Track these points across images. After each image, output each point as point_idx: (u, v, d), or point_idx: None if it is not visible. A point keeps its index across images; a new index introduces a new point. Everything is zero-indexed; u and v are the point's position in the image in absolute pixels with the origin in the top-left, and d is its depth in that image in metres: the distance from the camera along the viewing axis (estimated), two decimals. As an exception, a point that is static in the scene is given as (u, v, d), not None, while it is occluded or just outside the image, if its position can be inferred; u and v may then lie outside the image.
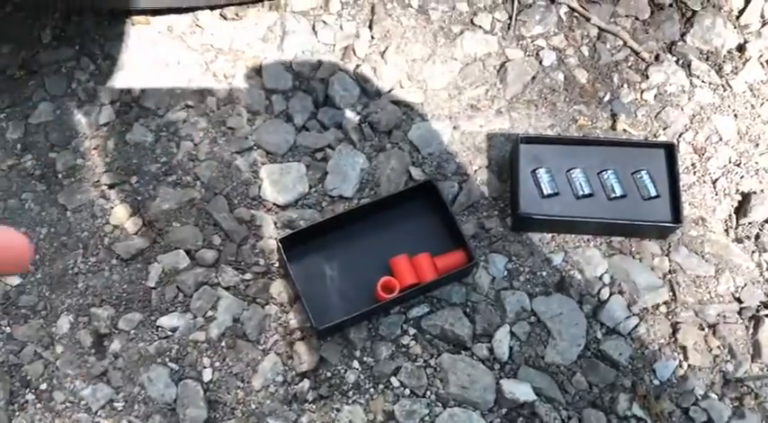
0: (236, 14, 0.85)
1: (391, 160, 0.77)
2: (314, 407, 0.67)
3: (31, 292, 0.71)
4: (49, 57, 0.82)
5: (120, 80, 0.81)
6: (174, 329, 0.70)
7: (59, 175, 0.77)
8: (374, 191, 0.76)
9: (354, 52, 0.83)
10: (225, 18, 0.85)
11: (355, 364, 0.69)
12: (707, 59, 0.84)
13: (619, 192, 0.73)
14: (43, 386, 0.68)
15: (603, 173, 0.74)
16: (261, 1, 0.84)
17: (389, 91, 0.82)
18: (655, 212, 0.72)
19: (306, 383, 0.68)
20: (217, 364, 0.69)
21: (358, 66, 0.83)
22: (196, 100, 0.80)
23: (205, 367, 0.69)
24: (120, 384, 0.68)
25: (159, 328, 0.70)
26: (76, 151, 0.78)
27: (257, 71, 0.82)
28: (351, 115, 0.80)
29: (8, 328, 0.70)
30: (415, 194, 0.72)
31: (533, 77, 0.83)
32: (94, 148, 0.78)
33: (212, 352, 0.69)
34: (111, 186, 0.76)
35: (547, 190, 0.73)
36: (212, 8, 0.84)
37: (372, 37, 0.85)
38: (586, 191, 0.73)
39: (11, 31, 0.84)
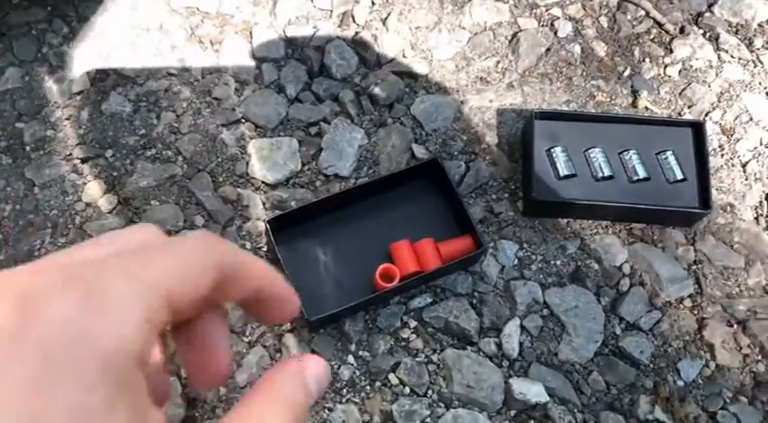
0: (225, -25, 0.77)
1: (392, 136, 0.71)
2: (304, 406, 0.61)
3: (-7, 275, 0.64)
4: (18, 18, 0.75)
5: (95, 45, 0.74)
6: (150, 318, 0.63)
7: (27, 148, 0.70)
8: (373, 170, 0.70)
9: (353, 18, 0.76)
10: (212, -21, 0.77)
11: (350, 358, 0.62)
12: (736, 32, 0.78)
13: (641, 174, 0.66)
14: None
15: (625, 153, 0.67)
16: (252, -39, 0.77)
17: (391, 61, 0.75)
18: (680, 197, 0.66)
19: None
20: (197, 357, 0.62)
21: (357, 33, 0.76)
22: (179, 68, 0.73)
23: (184, 361, 0.62)
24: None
25: (134, 317, 0.63)
26: (46, 121, 0.71)
27: (247, 37, 0.75)
28: (348, 87, 0.73)
29: (-34, 314, 0.63)
30: (419, 174, 0.66)
31: (548, 49, 0.76)
32: (66, 119, 0.71)
33: (192, 344, 0.62)
34: (84, 160, 0.69)
35: (563, 171, 0.66)
36: (199, -32, 0.77)
37: (373, 2, 0.78)
38: (606, 172, 0.66)
39: (-23, -11, 0.76)
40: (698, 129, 0.67)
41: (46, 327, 0.19)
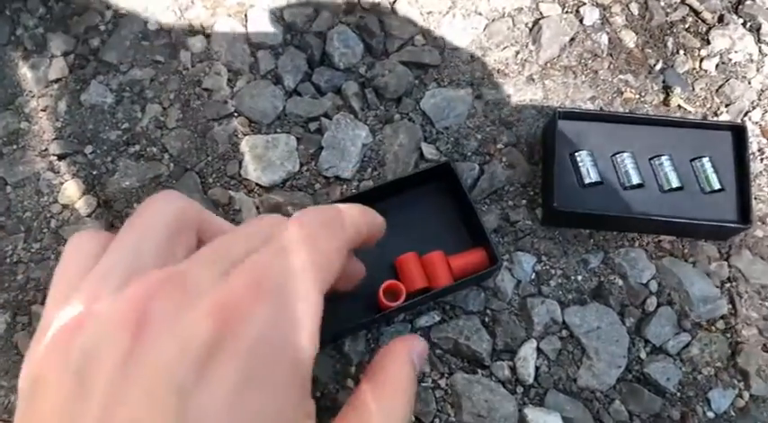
0: (218, -49, 0.70)
1: (399, 134, 0.64)
2: (298, 432, 0.55)
3: (-40, 283, 0.59)
4: (-10, -4, 0.68)
5: (74, 27, 0.67)
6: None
7: (-1, 142, 0.63)
8: (378, 171, 0.63)
9: (359, 1, 0.69)
10: (204, -45, 0.70)
11: (350, 382, 0.57)
12: (780, 23, 0.70)
13: (674, 183, 0.60)
14: (-29, 400, 0.56)
15: (656, 159, 0.61)
16: (248, -65, 0.70)
17: (400, 49, 0.68)
18: (717, 210, 0.60)
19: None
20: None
21: (362, 18, 0.69)
22: (167, 55, 0.67)
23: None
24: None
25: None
26: (20, 112, 0.64)
27: (241, 21, 0.68)
28: (352, 78, 0.66)
29: (-69, 327, 0.58)
30: (429, 179, 0.59)
31: (572, 39, 0.69)
32: (42, 110, 0.65)
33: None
34: (60, 157, 0.63)
35: (588, 178, 0.60)
36: (189, -58, 0.70)
37: (381, -16, 0.70)
38: (635, 180, 0.60)
39: (-54, -37, 0.69)
40: (739, 133, 0.61)
41: (248, 339, 0.22)
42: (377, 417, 0.28)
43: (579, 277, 0.61)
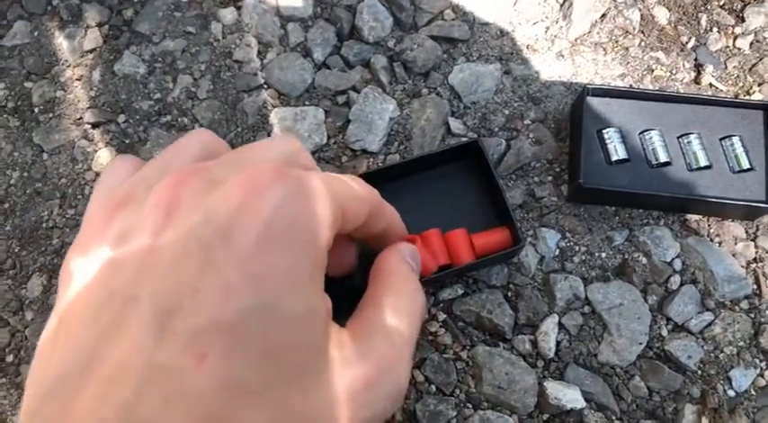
0: (250, -77, 0.70)
1: (427, 109, 0.65)
2: (322, 398, 0.57)
3: (-1, 246, 0.61)
4: (27, -34, 0.69)
5: (109, -2, 0.68)
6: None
7: (35, 110, 0.65)
8: (404, 145, 0.64)
9: (389, -25, 0.69)
10: (236, -73, 0.71)
11: (373, 352, 0.58)
12: (818, 1, 0.69)
13: (703, 161, 0.60)
14: (9, 358, 0.58)
15: (685, 137, 0.61)
16: None
17: (429, 23, 0.68)
18: (746, 189, 0.59)
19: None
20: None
21: (392, -9, 0.69)
22: (198, 26, 0.67)
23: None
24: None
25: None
26: (56, 82, 0.66)
27: (272, -7, 0.69)
28: (381, 51, 0.67)
29: (-29, 287, 0.60)
30: (456, 156, 0.59)
31: (603, 15, 0.69)
32: (77, 79, 0.66)
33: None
34: (94, 125, 0.64)
35: (616, 155, 0.60)
36: None
37: (411, -43, 0.70)
38: (663, 158, 0.60)
39: (-15, -67, 0.71)
40: (770, 112, 0.60)
41: (268, 205, 0.24)
42: (387, 307, 0.29)
43: (603, 254, 0.61)
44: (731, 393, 0.58)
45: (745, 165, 0.59)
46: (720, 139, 0.61)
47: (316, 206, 0.26)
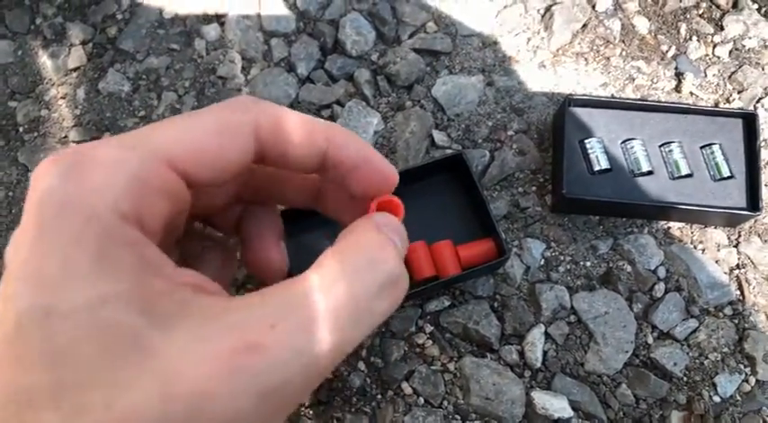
0: (232, -61, 0.71)
1: (411, 121, 0.65)
2: (311, 413, 0.57)
3: (-15, 267, 0.61)
4: (10, -15, 0.70)
5: (92, 16, 0.68)
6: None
7: (20, 129, 0.65)
8: (390, 158, 0.64)
9: (371, -11, 0.70)
10: (218, -57, 0.71)
11: (361, 365, 0.58)
12: (795, 8, 0.70)
13: (684, 170, 0.60)
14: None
15: (666, 146, 0.61)
16: (261, -77, 0.70)
17: (412, 36, 0.68)
18: (727, 197, 0.60)
19: (302, 387, 0.57)
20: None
21: (375, 4, 0.69)
22: (182, 43, 0.68)
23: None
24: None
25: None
26: (40, 100, 0.66)
27: (255, 8, 0.69)
28: (364, 65, 0.67)
29: (-43, 309, 0.60)
30: (440, 169, 0.60)
31: (584, 25, 0.69)
32: (62, 98, 0.66)
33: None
34: (80, 143, 0.64)
35: (598, 165, 0.60)
36: (204, -69, 0.71)
37: (393, -30, 0.71)
38: (645, 168, 0.60)
39: (-33, -48, 0.71)
40: (750, 120, 0.61)
41: (36, 193, 0.22)
42: (333, 271, 0.24)
43: (588, 263, 0.62)
44: (717, 399, 0.58)
45: (726, 173, 0.60)
46: (701, 148, 0.61)
47: (92, 181, 0.23)
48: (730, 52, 0.68)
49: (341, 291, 0.23)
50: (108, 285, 0.21)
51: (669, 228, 0.63)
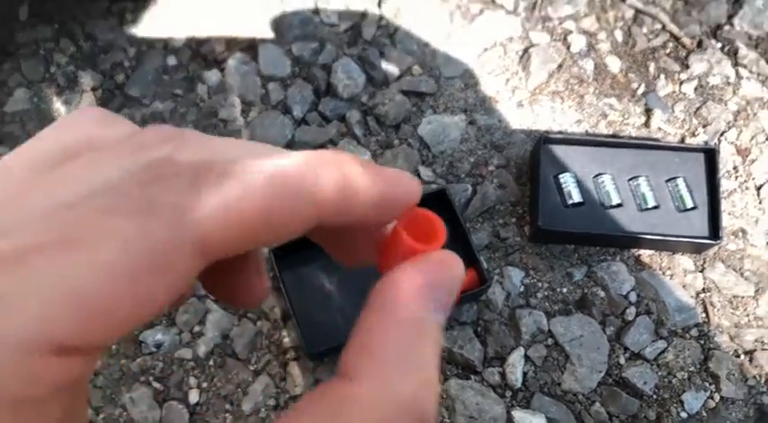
0: (231, -10, 0.76)
1: (399, 159, 0.70)
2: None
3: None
4: (25, 36, 0.75)
5: (102, 64, 0.74)
6: (158, 345, 0.64)
7: (37, 171, 0.70)
8: (379, 193, 0.69)
9: (361, 34, 0.75)
10: (218, -6, 0.76)
11: (354, 388, 0.63)
12: (756, 47, 0.75)
13: (651, 202, 0.65)
14: None
15: (634, 180, 0.66)
16: (257, -25, 0.76)
17: (399, 79, 0.74)
18: (690, 227, 0.65)
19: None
20: (204, 384, 0.63)
21: (364, 50, 0.74)
22: (185, 88, 0.73)
23: (191, 388, 0.63)
24: (100, 404, 0.63)
25: (143, 344, 0.64)
26: (55, 144, 0.71)
27: (252, 55, 0.74)
28: (355, 106, 0.72)
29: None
30: (425, 203, 0.65)
31: (560, 65, 0.74)
32: (75, 141, 0.71)
33: (199, 371, 0.64)
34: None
35: (571, 199, 0.65)
36: (204, -18, 0.76)
37: (381, 16, 0.76)
38: (615, 201, 0.65)
39: (-15, 6, 0.76)
40: (710, 155, 0.66)
41: None
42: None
43: (564, 289, 0.67)
44: (684, 415, 0.63)
45: (690, 204, 0.65)
46: (666, 181, 0.66)
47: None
48: (695, 89, 0.73)
49: None
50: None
51: (639, 255, 0.68)
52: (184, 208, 0.16)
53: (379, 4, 0.76)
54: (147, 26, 0.75)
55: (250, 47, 0.75)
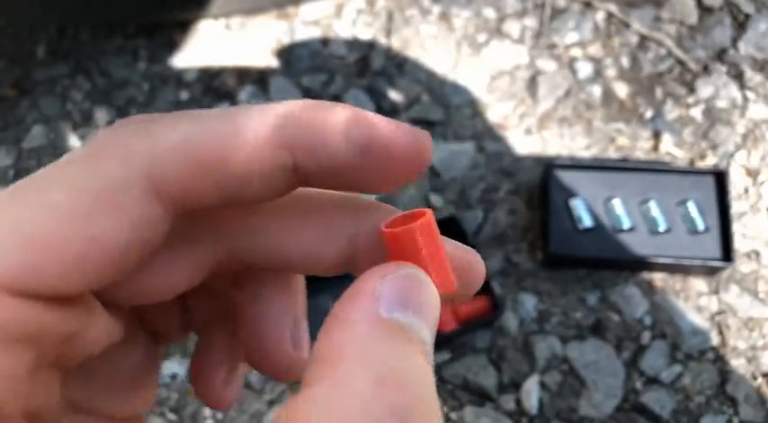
0: (242, 25, 0.78)
1: (409, 186, 0.71)
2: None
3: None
4: (42, 74, 0.77)
5: (116, 100, 0.75)
6: (173, 376, 0.65)
7: (53, 205, 0.71)
8: (391, 221, 0.70)
9: (369, 65, 0.76)
10: (229, 28, 0.78)
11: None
12: (761, 69, 0.76)
13: (663, 226, 0.65)
14: None
15: (645, 203, 0.66)
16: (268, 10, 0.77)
17: (408, 108, 0.75)
18: (702, 249, 0.65)
19: None
20: (219, 415, 0.63)
21: (373, 80, 0.76)
22: (198, 121, 0.74)
23: (206, 419, 0.63)
24: (116, 437, 0.63)
25: (158, 375, 0.65)
26: (71, 178, 0.72)
27: (263, 87, 0.76)
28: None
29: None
30: (435, 230, 0.65)
31: (567, 91, 0.75)
32: (90, 175, 0.72)
33: (215, 402, 0.64)
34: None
35: (583, 224, 0.66)
36: (216, 18, 0.78)
37: (389, 47, 0.77)
38: (627, 225, 0.66)
39: (4, 46, 0.78)
40: (720, 178, 0.66)
41: None
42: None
43: (578, 314, 0.66)
44: (703, 440, 0.62)
45: (701, 227, 0.65)
46: (677, 204, 0.66)
47: None
48: (703, 112, 0.74)
49: None
50: None
51: (652, 279, 0.68)
52: (132, 148, 0.16)
53: (388, 35, 0.78)
54: (161, 62, 0.77)
55: (261, 79, 0.76)
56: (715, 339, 0.65)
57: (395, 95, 0.75)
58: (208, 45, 0.77)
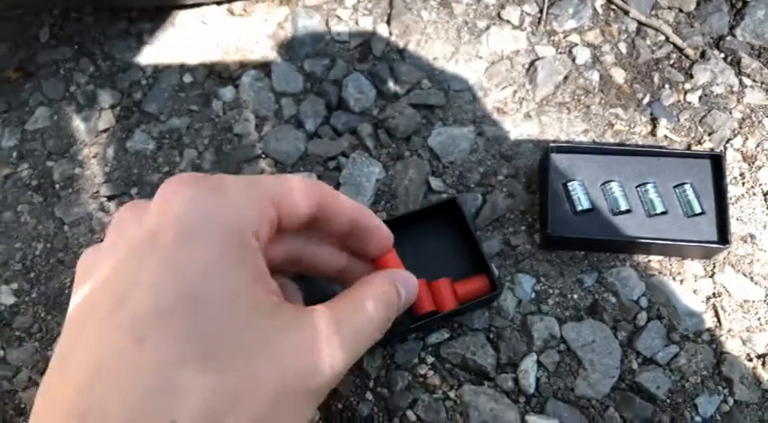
0: (244, 10, 0.79)
1: (409, 170, 0.71)
2: (324, 440, 0.63)
3: (26, 312, 0.67)
4: (46, 57, 0.77)
5: (120, 83, 0.76)
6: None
7: (56, 186, 0.72)
8: (390, 204, 0.71)
9: (371, 50, 0.77)
10: (232, 14, 0.79)
11: (369, 395, 0.64)
12: (759, 56, 0.76)
13: (659, 208, 0.66)
14: (38, 414, 0.64)
15: (642, 186, 0.67)
16: (270, -5, 0.78)
17: (408, 93, 0.75)
18: (699, 231, 0.66)
19: (315, 416, 0.63)
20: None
21: (374, 65, 0.76)
22: (201, 104, 0.75)
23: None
24: None
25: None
26: (74, 160, 0.73)
27: (266, 72, 0.76)
28: (366, 120, 0.74)
29: (2, 351, 0.66)
30: (436, 213, 0.66)
31: (565, 77, 0.76)
32: (93, 157, 0.73)
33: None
34: (110, 198, 0.71)
35: (580, 206, 0.66)
36: (219, 3, 0.79)
37: (390, 33, 0.78)
38: (623, 207, 0.66)
39: (8, 29, 0.79)
40: (717, 161, 0.67)
41: (177, 202, 0.28)
42: (335, 310, 0.32)
43: (575, 296, 0.67)
44: (698, 420, 0.63)
45: (698, 209, 0.66)
46: (674, 187, 0.67)
47: (232, 200, 0.28)
48: (700, 98, 0.75)
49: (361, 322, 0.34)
50: (245, 285, 0.28)
51: (649, 261, 0.68)
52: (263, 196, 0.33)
53: (388, 22, 0.78)
54: (164, 46, 0.78)
55: (263, 64, 0.77)
56: (710, 321, 0.66)
57: (396, 81, 0.76)
58: (211, 30, 0.78)
